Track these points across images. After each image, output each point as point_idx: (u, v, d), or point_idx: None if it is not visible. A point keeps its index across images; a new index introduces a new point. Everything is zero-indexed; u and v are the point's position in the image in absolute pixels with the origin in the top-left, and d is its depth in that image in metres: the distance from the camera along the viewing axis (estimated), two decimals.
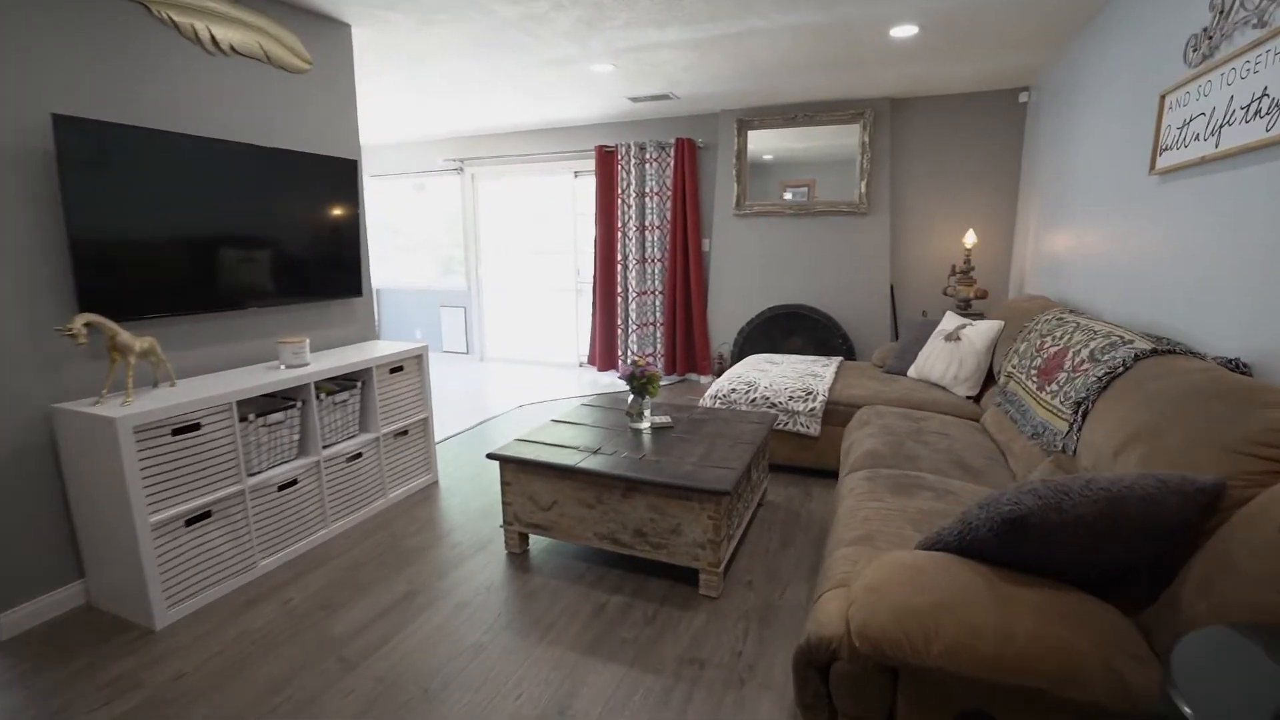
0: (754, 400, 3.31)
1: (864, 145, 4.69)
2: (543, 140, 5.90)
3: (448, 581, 2.33)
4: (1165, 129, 2.19)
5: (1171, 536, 1.20)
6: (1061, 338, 2.38)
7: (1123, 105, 2.61)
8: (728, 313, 5.35)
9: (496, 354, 6.73)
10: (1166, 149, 2.18)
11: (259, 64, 2.63)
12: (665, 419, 2.78)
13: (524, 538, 2.54)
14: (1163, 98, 2.22)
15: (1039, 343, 2.54)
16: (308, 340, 2.62)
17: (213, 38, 2.40)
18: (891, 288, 4.88)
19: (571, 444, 2.50)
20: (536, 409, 4.75)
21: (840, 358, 4.16)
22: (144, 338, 2.11)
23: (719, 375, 5.33)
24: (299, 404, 2.50)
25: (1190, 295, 2.01)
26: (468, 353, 6.71)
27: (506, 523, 2.50)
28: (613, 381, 5.69)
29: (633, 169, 5.39)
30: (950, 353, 3.30)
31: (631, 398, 2.72)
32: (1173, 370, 1.58)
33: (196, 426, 2.10)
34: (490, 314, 6.69)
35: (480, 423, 4.39)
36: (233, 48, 2.48)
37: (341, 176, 2.97)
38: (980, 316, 4.11)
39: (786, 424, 3.23)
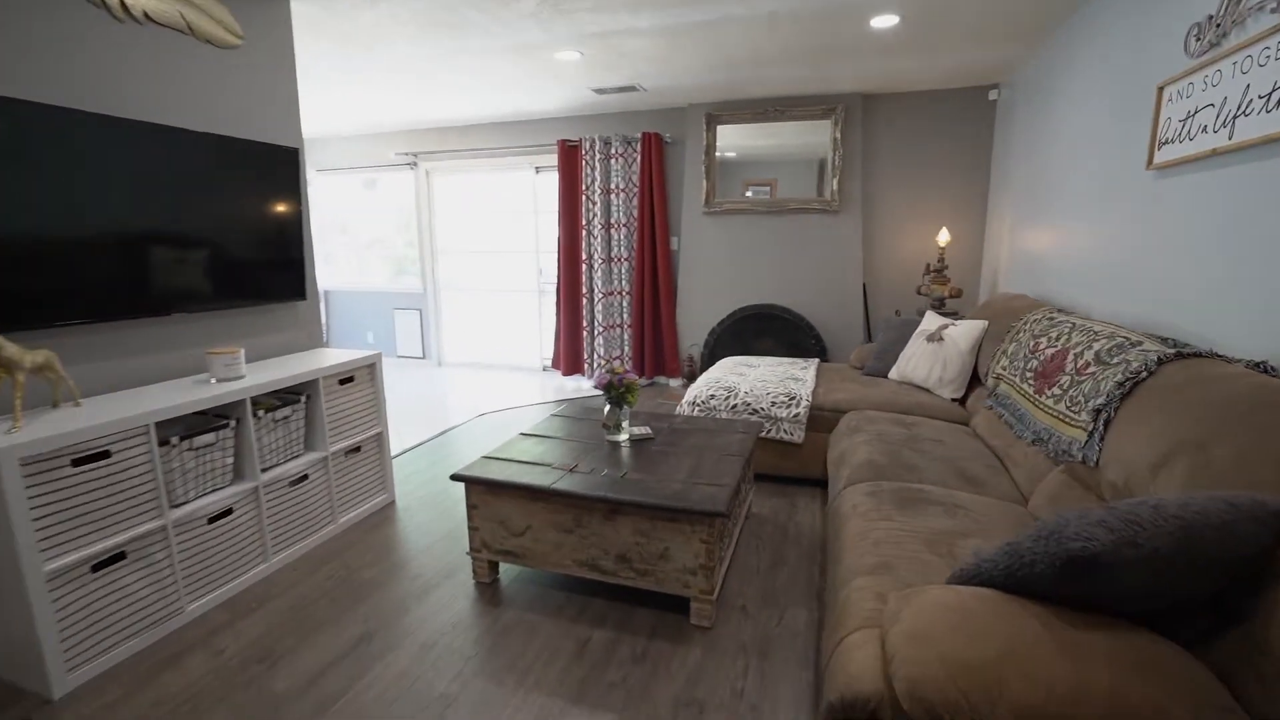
0: (735, 407, 3.15)
1: (835, 141, 4.59)
2: (502, 134, 5.62)
3: (410, 619, 2.08)
4: (1165, 122, 2.11)
5: (1246, 566, 1.07)
6: (1058, 339, 2.28)
7: (1112, 99, 2.54)
8: (697, 313, 5.19)
9: (455, 358, 6.40)
10: (1166, 143, 2.10)
11: (180, 37, 2.31)
12: (645, 430, 2.58)
13: (494, 566, 2.30)
14: (1161, 89, 2.14)
15: (1032, 344, 2.45)
16: (242, 350, 2.32)
17: (122, 2, 2.08)
18: (864, 287, 4.81)
19: (544, 461, 2.28)
20: (499, 417, 4.48)
21: (816, 359, 4.04)
22: (38, 350, 1.79)
23: (689, 378, 5.17)
24: (233, 423, 2.20)
25: (1199, 294, 1.92)
26: (424, 357, 6.36)
27: (474, 550, 2.26)
28: (579, 386, 5.46)
29: (597, 164, 5.17)
30: (933, 354, 3.21)
31: (608, 408, 2.51)
32: (1204, 375, 1.47)
33: (105, 455, 1.79)
34: (448, 316, 6.36)
35: (439, 434, 4.10)
36: (147, 15, 2.16)
37: (281, 166, 2.66)
38: (955, 315, 4.05)
39: (769, 431, 3.08)
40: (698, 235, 5.09)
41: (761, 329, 4.99)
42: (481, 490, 2.19)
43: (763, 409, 3.10)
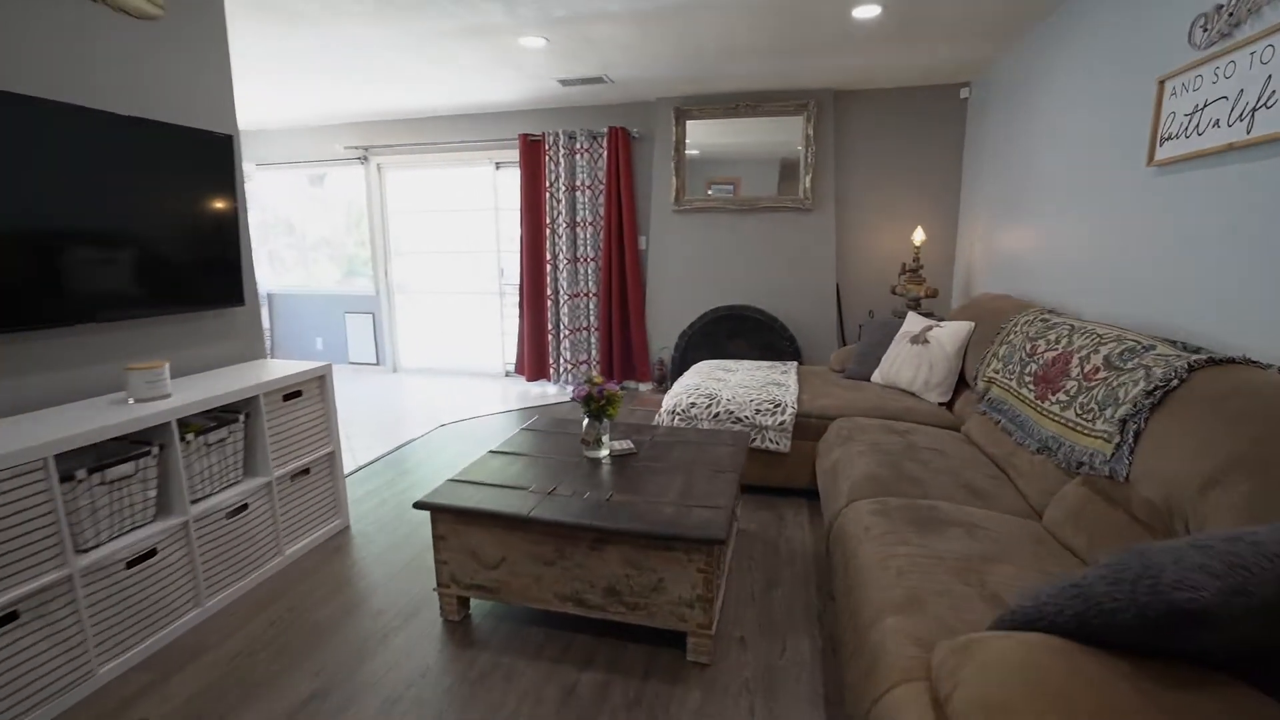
0: (717, 415, 2.98)
1: (808, 138, 4.48)
2: (459, 127, 5.32)
3: (370, 669, 1.83)
4: (1167, 117, 2.04)
5: None
6: (1057, 341, 2.19)
7: (1105, 95, 2.47)
8: (668, 315, 5.01)
9: (412, 364, 6.06)
10: (1169, 138, 2.03)
11: (91, 3, 1.99)
12: (627, 444, 2.38)
13: (464, 602, 2.06)
14: (1162, 83, 2.06)
15: (1029, 347, 2.36)
16: (167, 365, 2.02)
17: None
18: (837, 287, 4.72)
19: (518, 483, 2.06)
20: (462, 428, 4.21)
21: (795, 362, 3.92)
22: None
23: (660, 382, 4.99)
24: (156, 449, 1.90)
25: (1209, 295, 1.85)
26: (378, 363, 6.00)
27: (441, 585, 2.02)
28: (544, 392, 5.22)
29: (562, 160, 4.94)
30: (918, 356, 3.11)
31: (587, 422, 2.30)
32: (1249, 385, 1.37)
33: None
34: (404, 320, 6.02)
35: (397, 447, 3.81)
36: None
37: (213, 155, 2.36)
38: (931, 316, 3.99)
39: (754, 440, 2.92)
40: (667, 234, 4.92)
41: (734, 330, 4.85)
42: (450, 519, 1.95)
43: (747, 417, 2.94)
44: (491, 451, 2.36)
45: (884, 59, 3.74)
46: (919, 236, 4.18)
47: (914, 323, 3.32)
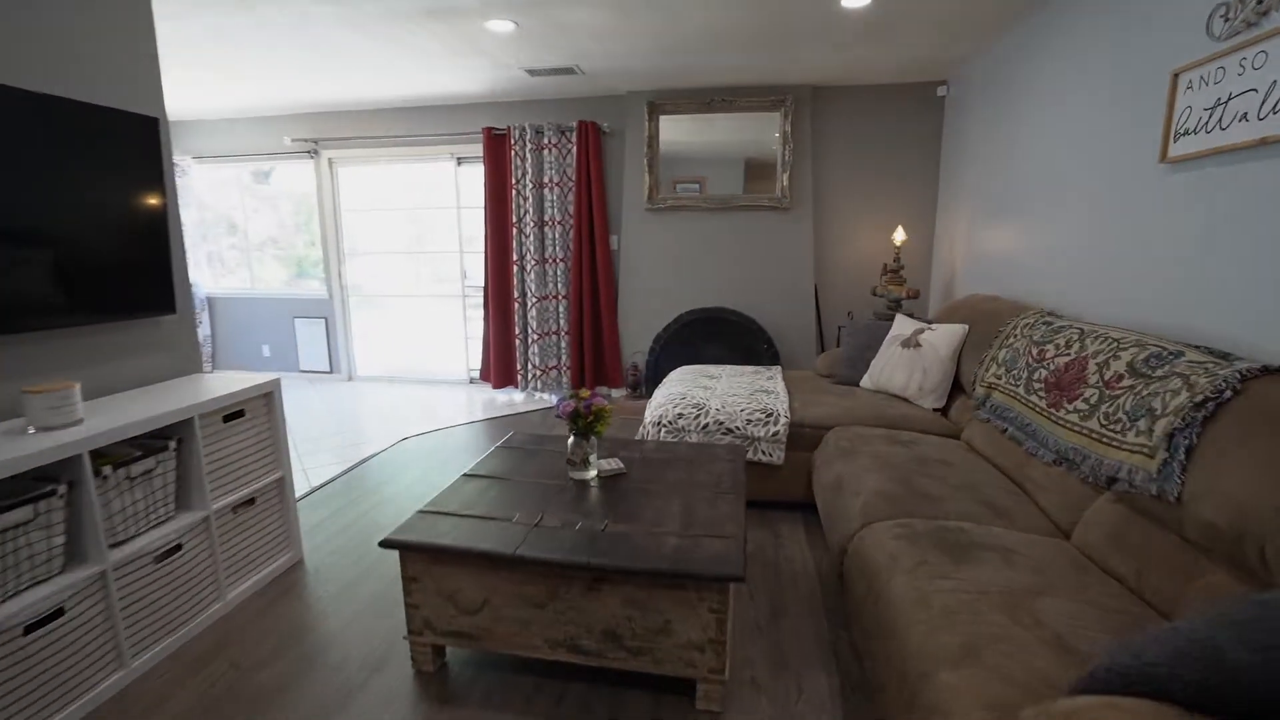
0: (706, 426, 2.80)
1: (785, 135, 4.36)
2: (418, 119, 5.01)
3: None
4: (1183, 111, 1.95)
5: None
6: (1068, 346, 2.08)
7: (1105, 90, 2.39)
8: (641, 318, 4.82)
9: (369, 371, 5.70)
10: (1186, 133, 1.94)
11: None
12: (616, 464, 2.18)
13: (440, 650, 1.82)
14: (1176, 76, 1.97)
15: (1035, 351, 2.25)
16: (78, 385, 1.71)
17: None
18: (815, 288, 4.61)
19: (499, 512, 1.83)
20: (426, 441, 3.92)
21: (779, 367, 3.78)
22: None
23: (634, 389, 4.79)
24: (63, 487, 1.60)
25: (1238, 298, 1.75)
26: (332, 371, 5.62)
27: (413, 633, 1.77)
28: (511, 400, 4.95)
29: (529, 155, 4.69)
30: (911, 361, 3.00)
31: (573, 440, 2.08)
32: None
33: None
34: (360, 325, 5.65)
35: (356, 465, 3.50)
36: None
37: (136, 141, 2.05)
38: (912, 316, 3.92)
39: (747, 453, 2.75)
40: (640, 234, 4.72)
41: (711, 334, 4.69)
42: (423, 559, 1.70)
43: (738, 428, 2.77)
44: (466, 475, 2.12)
45: (867, 52, 3.63)
46: (900, 236, 4.10)
47: (904, 325, 3.21)
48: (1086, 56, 2.53)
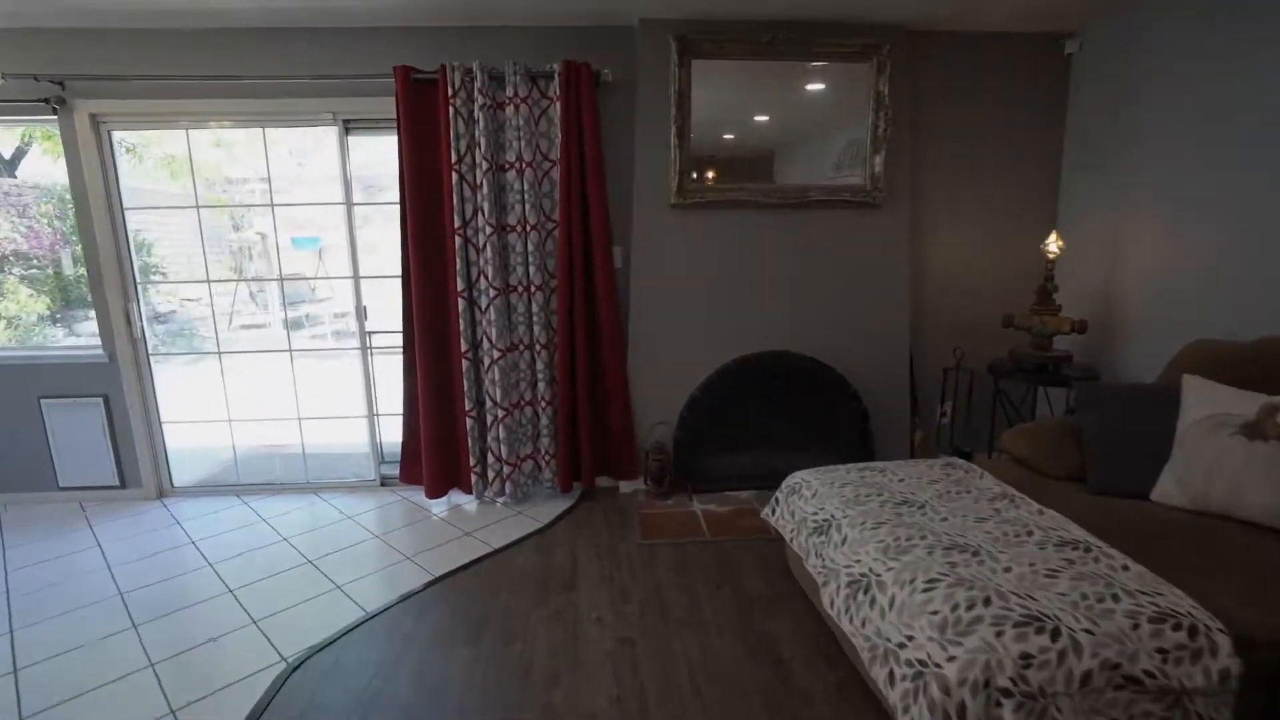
0: (1089, 676, 1.27)
1: (880, 98, 2.96)
2: (268, 49, 2.93)
3: None
4: None
5: None
6: None
7: None
8: (665, 372, 3.17)
9: (192, 477, 3.44)
10: None
11: None
12: None
13: None
14: None
15: None
16: None
17: None
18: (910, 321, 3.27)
19: None
20: (337, 670, 1.98)
21: (965, 462, 2.35)
22: None
23: (659, 481, 3.13)
24: None
25: None
26: (123, 486, 3.29)
27: None
28: (462, 514, 3.07)
29: (479, 117, 2.84)
30: (1273, 463, 1.70)
31: None
32: None
33: None
34: (172, 400, 3.36)
35: None
36: None
37: None
38: (1069, 361, 2.75)
39: None
40: (662, 244, 3.08)
41: (771, 391, 3.18)
42: None
43: (1148, 672, 1.27)
44: None
45: None
46: (1054, 246, 2.87)
47: (1228, 400, 1.91)
48: None
